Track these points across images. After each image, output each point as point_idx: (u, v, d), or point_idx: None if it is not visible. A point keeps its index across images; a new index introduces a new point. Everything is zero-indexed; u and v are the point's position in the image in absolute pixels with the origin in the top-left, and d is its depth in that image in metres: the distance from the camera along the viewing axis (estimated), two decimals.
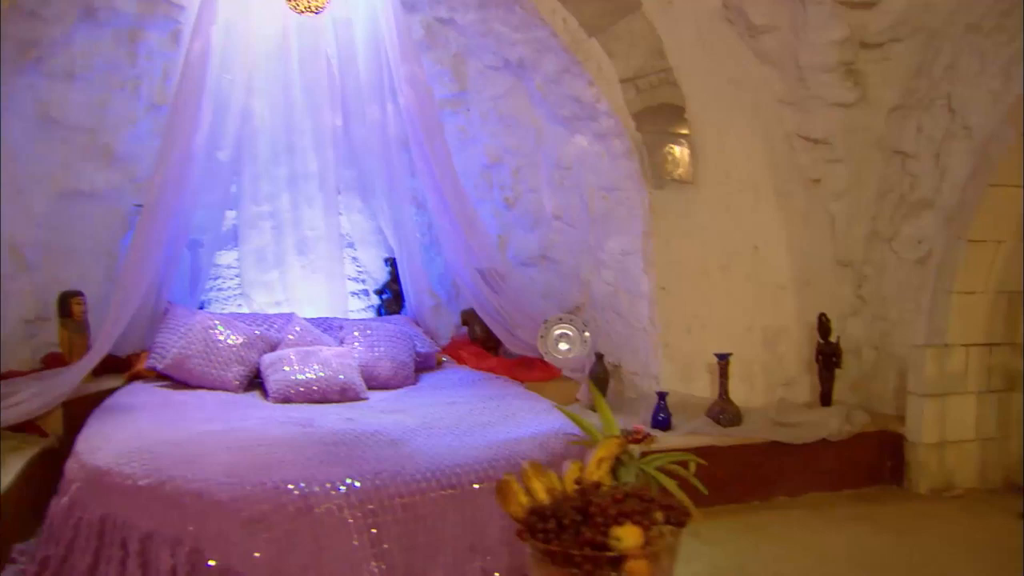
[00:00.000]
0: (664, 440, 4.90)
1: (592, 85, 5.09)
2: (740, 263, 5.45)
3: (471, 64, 5.82)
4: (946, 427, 5.14)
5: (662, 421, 5.04)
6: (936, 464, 5.13)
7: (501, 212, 6.12)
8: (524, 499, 2.21)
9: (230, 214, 5.77)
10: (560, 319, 5.72)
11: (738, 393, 5.39)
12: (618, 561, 2.03)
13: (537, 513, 2.10)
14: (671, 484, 2.47)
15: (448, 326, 6.20)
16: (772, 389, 5.58)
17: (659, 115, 5.18)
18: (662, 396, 5.08)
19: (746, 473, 4.96)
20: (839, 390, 5.63)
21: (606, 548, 2.01)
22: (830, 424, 5.08)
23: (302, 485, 3.42)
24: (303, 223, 5.83)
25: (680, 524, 2.19)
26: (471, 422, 4.35)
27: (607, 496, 2.11)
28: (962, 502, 5.04)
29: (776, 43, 5.23)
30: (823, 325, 5.33)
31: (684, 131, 5.23)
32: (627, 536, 2.03)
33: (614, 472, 2.48)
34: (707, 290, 5.38)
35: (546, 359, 5.67)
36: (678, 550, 2.23)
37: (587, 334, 5.64)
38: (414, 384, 5.28)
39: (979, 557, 4.24)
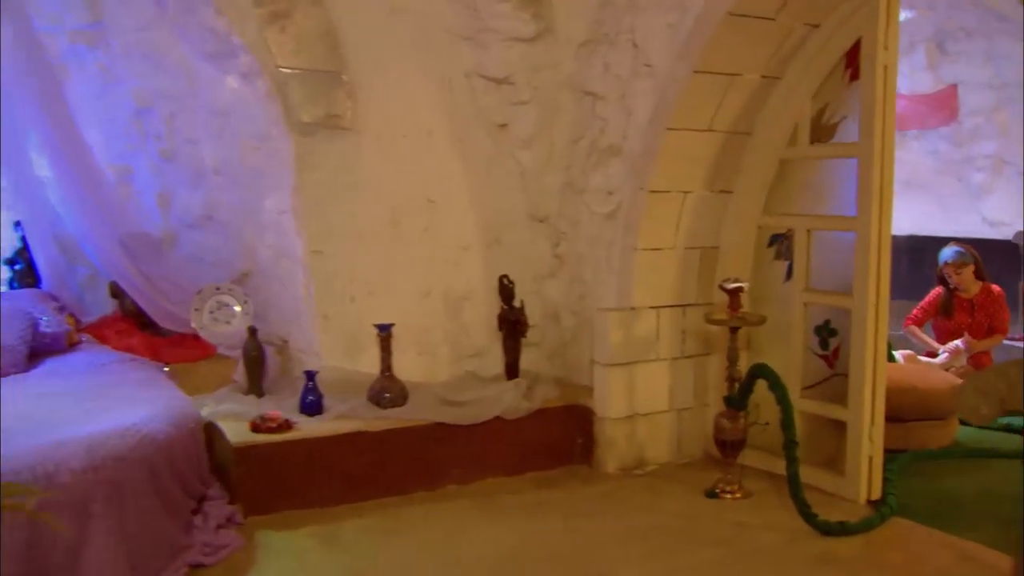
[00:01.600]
0: (309, 427, 4.35)
1: (221, 14, 4.39)
2: (413, 220, 4.91)
3: None
4: (636, 398, 4.78)
5: (311, 404, 4.49)
6: (625, 440, 4.77)
7: (160, 167, 5.40)
8: None
9: None
10: (217, 289, 5.08)
11: (417, 368, 4.92)
12: None
13: None
14: None
15: (107, 299, 5.44)
16: (459, 362, 5.10)
17: (306, 49, 4.53)
18: (311, 376, 4.52)
19: (409, 461, 4.46)
20: (536, 360, 5.23)
21: None
22: (505, 400, 4.61)
23: None
24: None
25: None
26: (42, 420, 3.70)
27: None
28: (650, 480, 4.71)
29: None
30: (505, 288, 4.87)
31: (338, 69, 4.61)
32: None
33: None
34: (374, 252, 4.83)
35: (201, 335, 5.01)
36: None
37: (240, 307, 5.00)
38: (24, 371, 4.55)
39: (643, 541, 3.94)
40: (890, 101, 4.17)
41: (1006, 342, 7.44)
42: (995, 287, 6.46)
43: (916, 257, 8.24)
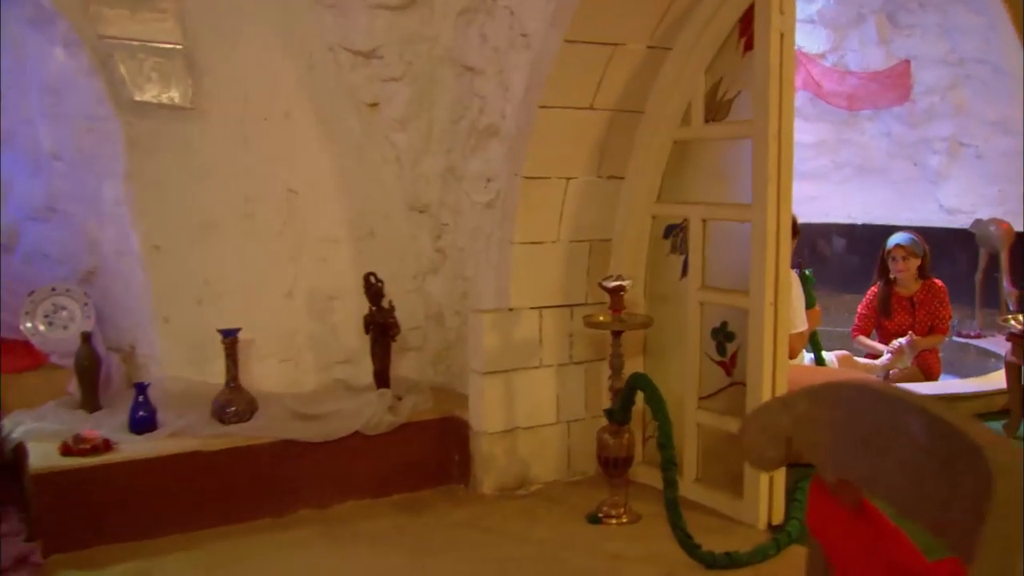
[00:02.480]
0: (134, 448, 3.94)
1: None
2: (271, 212, 4.51)
3: None
4: (516, 410, 4.38)
5: (142, 421, 4.08)
6: (504, 456, 4.38)
7: None
8: None
9: None
10: (53, 290, 4.64)
11: (279, 377, 4.56)
12: None
13: None
14: None
15: None
16: (328, 369, 4.70)
17: (134, 17, 4.11)
18: (142, 388, 4.12)
19: (254, 483, 4.07)
20: (419, 366, 4.87)
21: None
22: (365, 414, 4.21)
23: None
24: None
25: None
26: None
27: None
28: (530, 502, 4.33)
29: None
30: (372, 287, 4.46)
31: (175, 40, 4.19)
32: None
33: None
34: (225, 248, 4.43)
35: (33, 342, 4.59)
36: None
37: (81, 311, 4.58)
38: None
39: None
40: (787, 72, 3.78)
41: (958, 339, 7.10)
42: (937, 282, 6.09)
43: (870, 247, 7.85)
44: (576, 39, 3.90)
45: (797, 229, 5.26)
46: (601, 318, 4.05)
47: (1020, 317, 5.08)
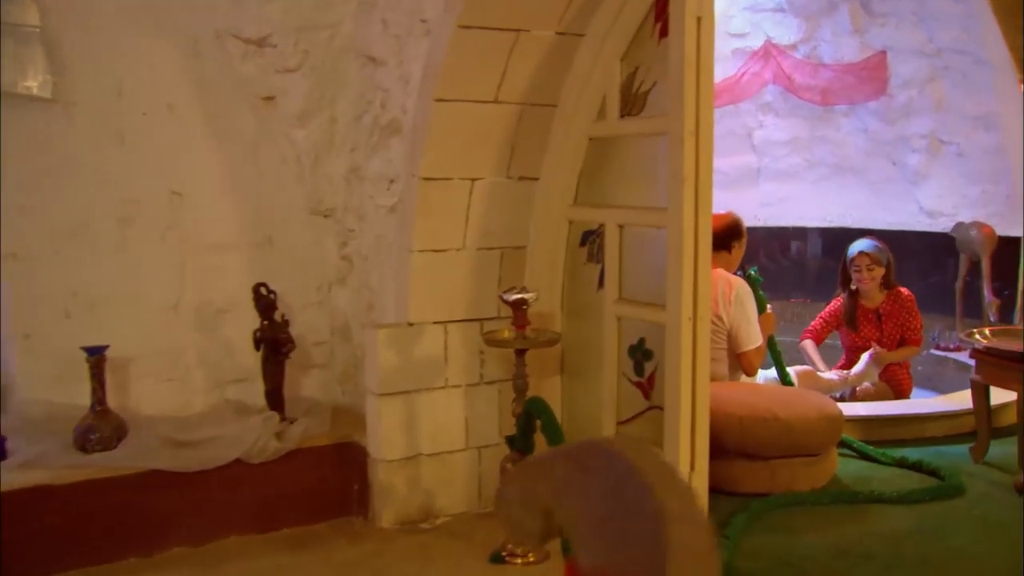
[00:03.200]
0: None
1: None
2: (152, 216, 4.22)
3: None
4: (419, 435, 4.07)
5: None
6: (406, 486, 4.07)
7: None
8: None
9: None
10: None
11: (163, 398, 4.27)
12: None
13: None
14: None
15: None
16: (220, 389, 4.40)
17: None
18: None
19: (117, 519, 3.76)
20: (325, 384, 4.58)
21: None
22: (247, 440, 3.90)
23: None
24: None
25: None
26: None
27: None
28: (431, 538, 4.02)
29: None
30: (262, 299, 4.15)
31: (30, 21, 3.89)
32: None
33: None
34: (97, 256, 4.13)
35: None
36: None
37: None
38: None
39: None
40: (705, 62, 3.45)
41: (937, 352, 6.79)
42: (903, 290, 5.76)
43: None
44: (472, 24, 3.58)
45: (742, 232, 4.97)
46: (505, 334, 3.74)
47: (986, 331, 4.75)
